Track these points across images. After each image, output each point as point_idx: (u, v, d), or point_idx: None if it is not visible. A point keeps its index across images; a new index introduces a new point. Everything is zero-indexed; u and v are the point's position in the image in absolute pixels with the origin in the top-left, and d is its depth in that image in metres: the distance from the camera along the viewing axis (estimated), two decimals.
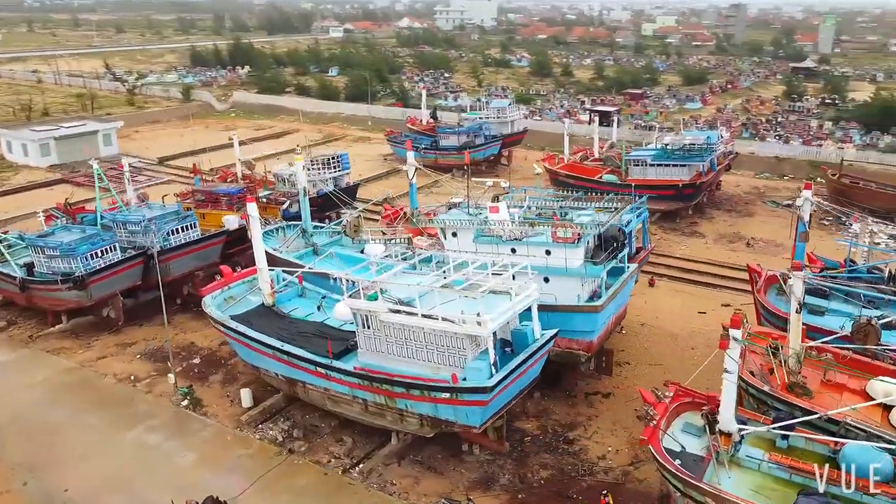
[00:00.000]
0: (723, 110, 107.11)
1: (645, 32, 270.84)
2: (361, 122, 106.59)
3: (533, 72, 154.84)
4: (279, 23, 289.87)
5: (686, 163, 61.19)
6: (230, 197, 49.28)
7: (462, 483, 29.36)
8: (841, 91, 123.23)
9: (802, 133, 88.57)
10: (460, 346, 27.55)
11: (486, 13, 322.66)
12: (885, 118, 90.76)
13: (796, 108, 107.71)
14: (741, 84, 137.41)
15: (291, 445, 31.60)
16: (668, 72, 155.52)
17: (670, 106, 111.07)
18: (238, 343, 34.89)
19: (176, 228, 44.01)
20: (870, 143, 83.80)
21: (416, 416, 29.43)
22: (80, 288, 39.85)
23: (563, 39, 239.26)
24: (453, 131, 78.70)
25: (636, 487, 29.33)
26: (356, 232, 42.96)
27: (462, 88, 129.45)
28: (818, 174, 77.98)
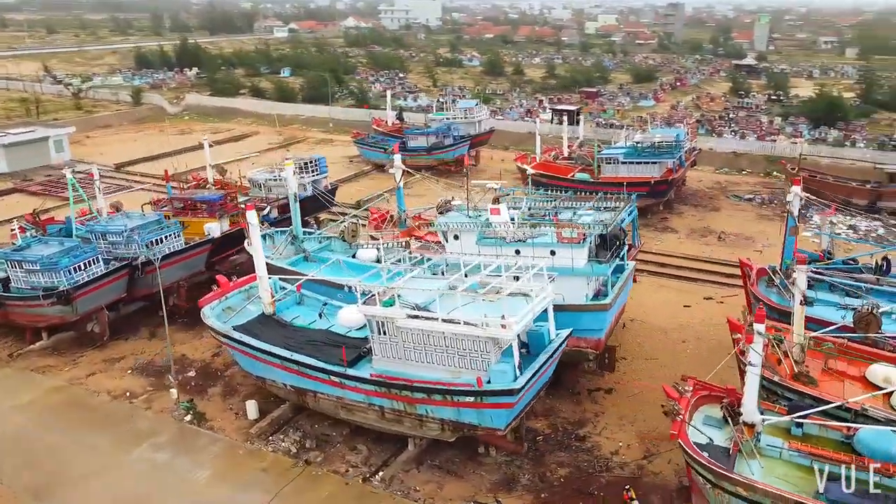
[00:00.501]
0: (677, 107, 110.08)
1: (588, 31, 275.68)
2: (321, 123, 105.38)
3: (485, 71, 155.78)
4: (221, 22, 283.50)
5: (657, 160, 62.71)
6: (211, 204, 48.01)
7: (484, 485, 29.47)
8: (783, 87, 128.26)
9: (755, 129, 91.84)
10: (483, 349, 27.60)
11: (431, 13, 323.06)
12: (830, 113, 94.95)
13: (745, 104, 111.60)
14: (689, 81, 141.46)
15: (307, 456, 31.12)
16: (616, 70, 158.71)
17: (625, 104, 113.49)
18: (241, 354, 34.13)
19: (160, 238, 42.65)
20: (819, 137, 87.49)
21: (437, 421, 29.38)
22: (64, 303, 38.25)
23: (509, 38, 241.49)
24: (421, 132, 78.64)
25: (653, 481, 29.97)
26: (353, 237, 42.49)
27: (420, 89, 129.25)
28: (774, 168, 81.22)
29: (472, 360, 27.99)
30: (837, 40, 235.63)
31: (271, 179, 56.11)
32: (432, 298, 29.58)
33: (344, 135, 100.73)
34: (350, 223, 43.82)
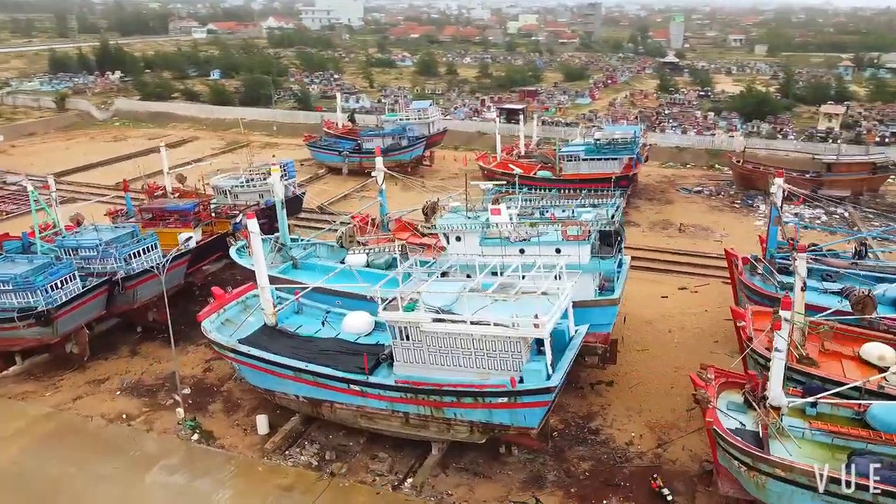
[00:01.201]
0: (614, 104, 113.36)
1: (510, 31, 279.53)
2: (264, 127, 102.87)
3: (419, 71, 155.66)
4: (132, 23, 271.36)
5: (617, 156, 64.52)
6: (185, 213, 46.14)
7: (513, 485, 29.69)
8: (708, 84, 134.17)
9: (692, 124, 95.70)
10: (515, 349, 27.76)
11: (353, 12, 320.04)
12: (759, 108, 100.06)
13: (677, 100, 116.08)
14: (619, 79, 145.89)
15: (330, 468, 30.48)
16: (547, 69, 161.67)
17: (564, 102, 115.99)
18: (248, 367, 33.07)
19: (137, 251, 40.68)
20: (752, 131, 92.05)
21: (466, 424, 29.38)
22: (44, 324, 35.96)
23: (435, 38, 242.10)
24: (377, 133, 78.00)
25: (672, 468, 30.92)
26: (351, 242, 41.76)
27: (358, 90, 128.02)
28: (716, 161, 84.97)
29: (503, 361, 28.09)
30: (745, 38, 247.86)
31: (237, 185, 54.45)
32: (450, 301, 29.58)
33: (289, 138, 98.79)
34: (347, 228, 43.03)
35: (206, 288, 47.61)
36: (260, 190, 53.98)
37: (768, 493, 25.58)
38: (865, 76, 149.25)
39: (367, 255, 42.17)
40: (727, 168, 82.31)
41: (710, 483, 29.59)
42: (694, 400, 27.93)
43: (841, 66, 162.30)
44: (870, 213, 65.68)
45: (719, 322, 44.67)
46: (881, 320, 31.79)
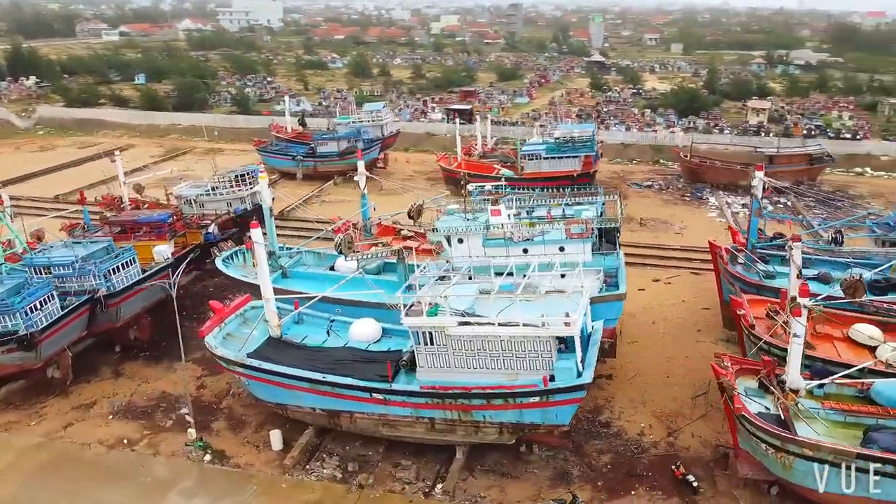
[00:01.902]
0: (554, 104, 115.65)
1: (434, 31, 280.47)
2: (202, 132, 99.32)
3: (351, 73, 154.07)
4: (33, 25, 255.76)
5: (576, 154, 65.91)
6: (159, 225, 44.08)
7: (542, 482, 29.93)
8: (637, 81, 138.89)
9: (633, 121, 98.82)
10: (544, 348, 28.00)
11: (272, 13, 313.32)
12: (692, 104, 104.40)
13: (612, 98, 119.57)
14: (552, 78, 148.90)
15: (356, 480, 29.86)
16: (478, 69, 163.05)
17: (504, 102, 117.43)
18: (258, 382, 31.99)
19: (116, 267, 38.60)
20: (690, 126, 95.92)
21: (496, 426, 29.44)
22: (26, 348, 33.63)
23: (360, 39, 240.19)
24: (332, 137, 76.72)
25: (686, 455, 31.87)
26: (350, 248, 40.88)
27: (294, 92, 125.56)
28: (660, 157, 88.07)
29: (533, 361, 28.28)
30: (660, 37, 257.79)
31: (203, 194, 52.46)
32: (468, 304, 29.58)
33: (231, 143, 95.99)
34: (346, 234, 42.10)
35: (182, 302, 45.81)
36: (228, 198, 52.19)
37: (794, 473, 26.81)
38: (777, 73, 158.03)
39: (358, 261, 41.48)
40: (672, 163, 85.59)
41: (726, 467, 30.75)
42: (720, 388, 28.88)
43: (754, 63, 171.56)
44: (810, 202, 69.86)
45: (698, 311, 46.47)
46: (871, 303, 33.82)
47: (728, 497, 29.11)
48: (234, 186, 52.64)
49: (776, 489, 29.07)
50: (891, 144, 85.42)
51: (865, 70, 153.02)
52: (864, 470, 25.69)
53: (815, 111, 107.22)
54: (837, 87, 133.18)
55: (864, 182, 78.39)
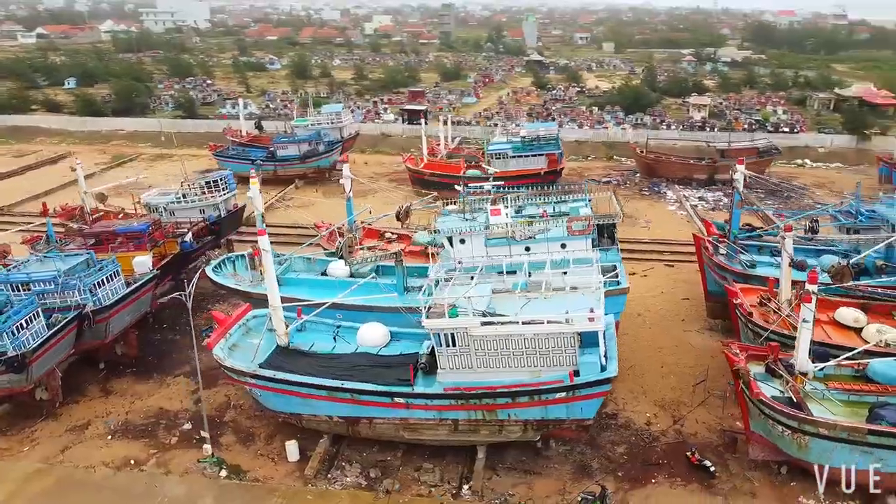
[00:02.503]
0: (503, 103, 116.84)
1: (367, 32, 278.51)
2: (150, 138, 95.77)
3: (292, 74, 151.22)
4: None
5: (542, 152, 66.93)
6: (139, 235, 42.32)
7: (564, 476, 30.40)
8: (578, 80, 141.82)
9: (583, 119, 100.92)
10: (569, 344, 28.35)
11: (199, 14, 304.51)
12: (637, 101, 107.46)
13: (557, 96, 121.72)
14: (495, 78, 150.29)
15: (382, 486, 29.58)
16: (421, 69, 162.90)
17: (454, 101, 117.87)
18: (272, 392, 31.23)
19: (101, 280, 36.89)
20: (638, 123, 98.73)
21: (521, 423, 29.65)
22: (17, 370, 31.75)
23: (294, 40, 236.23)
24: (291, 140, 75.30)
25: (695, 441, 32.95)
26: (350, 253, 40.28)
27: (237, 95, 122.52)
28: (613, 153, 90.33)
29: (557, 357, 28.55)
30: (590, 36, 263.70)
31: (174, 202, 50.70)
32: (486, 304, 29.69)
33: (180, 148, 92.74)
34: (347, 238, 41.43)
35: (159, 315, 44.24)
36: (201, 205, 50.58)
37: (810, 452, 28.13)
38: (707, 70, 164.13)
39: (351, 265, 41.04)
40: (626, 159, 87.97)
41: (735, 450, 31.94)
42: (734, 375, 29.92)
43: (685, 61, 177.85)
44: (760, 193, 73.12)
45: (678, 302, 47.99)
46: (857, 287, 35.75)
47: (741, 479, 30.26)
48: (205, 193, 51.00)
49: (785, 468, 30.47)
50: (826, 137, 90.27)
51: (786, 66, 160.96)
52: (875, 445, 27.25)
53: (751, 106, 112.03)
54: (766, 84, 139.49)
55: (807, 173, 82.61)
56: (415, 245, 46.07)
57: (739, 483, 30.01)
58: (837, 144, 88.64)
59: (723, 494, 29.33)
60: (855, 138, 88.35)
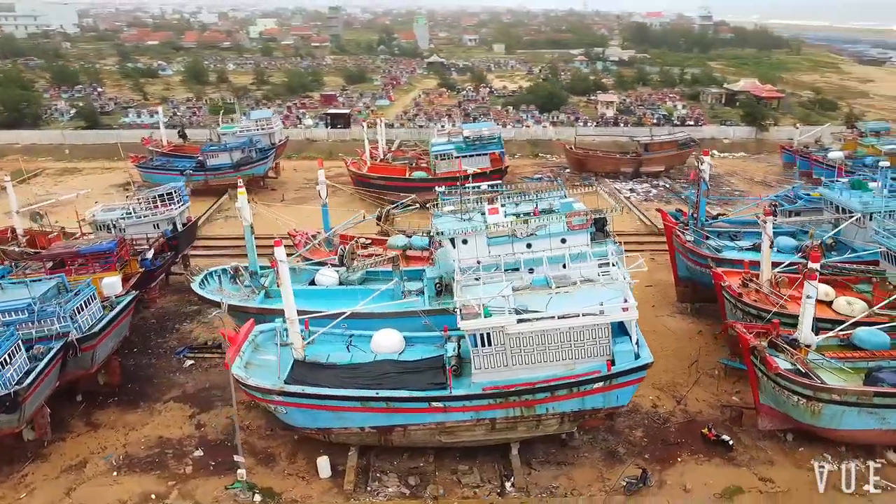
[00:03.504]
0: (419, 104, 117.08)
1: (252, 36, 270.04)
2: (48, 151, 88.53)
3: (188, 80, 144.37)
4: None
5: (486, 151, 67.88)
6: (107, 254, 39.22)
7: (598, 465, 31.22)
8: (483, 80, 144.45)
9: (503, 118, 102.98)
10: (603, 335, 29.16)
11: (66, 18, 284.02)
12: (551, 100, 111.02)
13: (471, 97, 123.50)
14: (402, 80, 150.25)
15: (426, 493, 29.19)
16: (323, 72, 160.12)
17: (368, 104, 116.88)
18: (299, 408, 30.05)
19: (80, 305, 34.03)
20: (555, 121, 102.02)
21: (558, 416, 30.14)
22: (9, 410, 28.69)
23: (177, 45, 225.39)
24: (222, 148, 72.07)
25: (702, 418, 34.80)
26: (353, 260, 39.04)
27: (136, 103, 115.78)
28: (538, 151, 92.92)
29: (592, 348, 29.28)
30: (478, 38, 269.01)
31: (124, 217, 47.40)
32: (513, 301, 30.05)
33: (87, 161, 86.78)
34: (350, 246, 40.04)
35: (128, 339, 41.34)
36: (155, 219, 47.58)
37: (822, 418, 30.45)
38: (599, 69, 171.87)
39: (339, 273, 40.07)
40: (550, 155, 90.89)
41: (741, 423, 34.02)
42: (751, 351, 31.75)
43: (577, 60, 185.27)
44: (682, 184, 77.72)
45: (643, 289, 49.51)
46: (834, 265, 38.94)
47: (755, 449, 32.26)
48: (158, 207, 48.03)
49: (790, 436, 32.82)
50: (729, 129, 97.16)
51: (670, 64, 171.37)
52: (879, 405, 29.92)
53: (651, 102, 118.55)
54: (657, 81, 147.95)
55: (717, 163, 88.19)
56: (391, 249, 45.58)
57: (755, 453, 31.97)
58: (739, 136, 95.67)
59: (745, 465, 31.16)
60: (754, 129, 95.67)
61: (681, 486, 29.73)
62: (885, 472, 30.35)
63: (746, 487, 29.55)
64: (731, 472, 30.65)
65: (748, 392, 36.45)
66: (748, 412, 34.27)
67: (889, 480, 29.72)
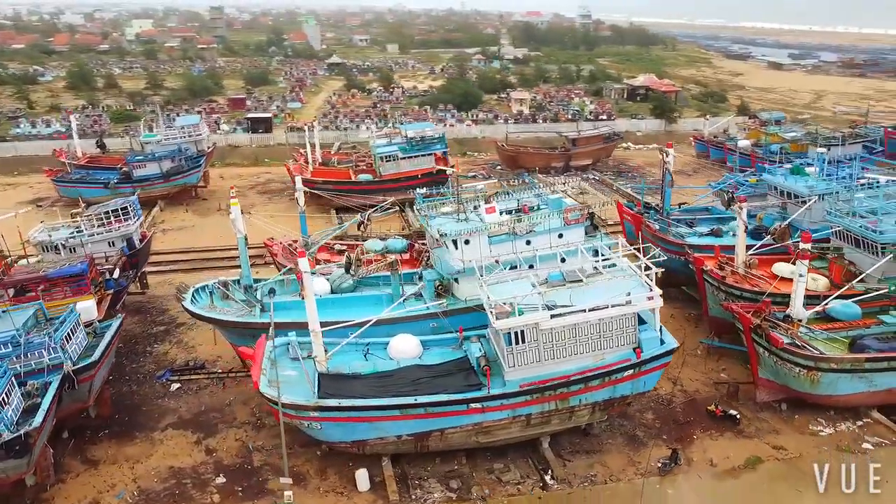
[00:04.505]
0: (334, 106, 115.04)
1: (129, 38, 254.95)
2: None
3: (73, 85, 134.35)
4: None
5: (430, 151, 67.96)
6: (78, 277, 36.08)
7: (624, 450, 32.35)
8: (391, 80, 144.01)
9: (425, 118, 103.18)
10: (630, 324, 30.21)
11: None
12: (467, 99, 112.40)
13: (385, 97, 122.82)
14: (308, 82, 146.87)
15: (474, 495, 29.17)
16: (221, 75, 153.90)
17: (282, 107, 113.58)
18: (335, 422, 29.16)
19: (67, 334, 31.32)
20: (475, 119, 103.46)
21: (589, 406, 30.93)
22: (19, 454, 25.99)
23: (48, 48, 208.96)
24: (150, 157, 67.86)
25: (700, 397, 36.82)
26: (359, 268, 37.80)
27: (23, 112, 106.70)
28: (465, 149, 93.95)
29: (620, 338, 30.22)
30: (369, 38, 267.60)
31: (73, 237, 43.87)
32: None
33: None
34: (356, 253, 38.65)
35: None
36: (110, 237, 44.34)
37: (820, 385, 33.06)
38: (498, 67, 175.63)
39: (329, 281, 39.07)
40: (477, 153, 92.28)
41: (737, 398, 36.24)
42: (754, 330, 33.86)
43: (474, 59, 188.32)
44: (610, 175, 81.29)
45: None
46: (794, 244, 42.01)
47: (757, 421, 34.52)
48: (112, 223, 44.78)
49: (785, 406, 35.39)
50: (641, 122, 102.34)
51: (564, 62, 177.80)
52: (869, 370, 32.88)
53: (560, 99, 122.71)
54: (556, 78, 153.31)
55: (635, 155, 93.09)
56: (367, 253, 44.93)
57: (759, 424, 34.22)
58: (650, 128, 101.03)
59: (755, 436, 33.28)
60: (663, 122, 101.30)
61: (706, 461, 31.38)
62: (873, 428, 33.58)
63: (764, 457, 31.57)
64: (746, 444, 32.64)
65: (734, 368, 39.15)
66: (744, 387, 36.60)
67: (879, 436, 32.82)
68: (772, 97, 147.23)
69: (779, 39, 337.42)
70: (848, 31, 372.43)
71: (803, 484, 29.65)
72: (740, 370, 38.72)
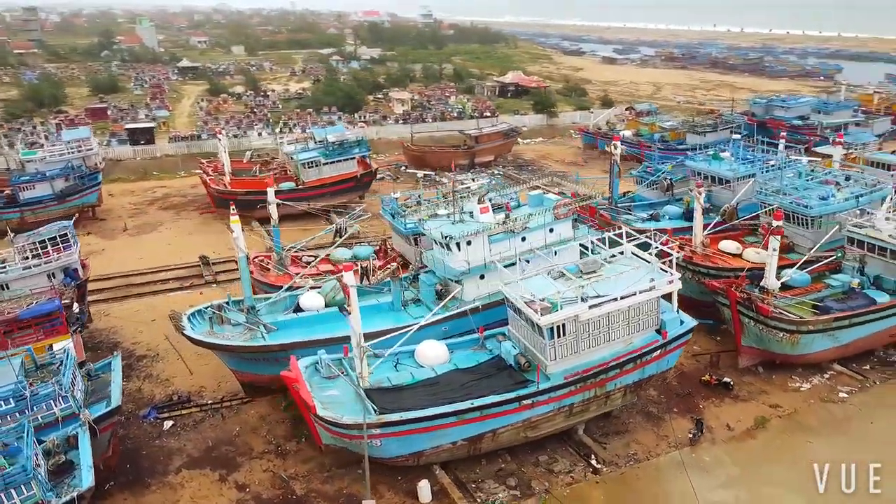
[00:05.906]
0: (207, 112, 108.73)
1: None
2: None
3: None
4: None
5: (353, 155, 66.72)
6: (56, 315, 31.84)
7: (648, 426, 34.29)
8: (257, 84, 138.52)
9: (312, 122, 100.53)
10: (654, 308, 32.10)
11: None
12: (351, 101, 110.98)
13: (261, 102, 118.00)
14: (165, 87, 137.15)
15: (536, 489, 29.67)
16: (63, 83, 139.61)
17: (149, 115, 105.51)
18: (395, 437, 28.43)
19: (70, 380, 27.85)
20: (363, 120, 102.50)
21: (622, 389, 32.49)
22: None
23: None
24: (38, 178, 60.58)
25: (687, 370, 39.62)
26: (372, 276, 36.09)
27: None
28: (381, 150, 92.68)
29: (645, 321, 32.02)
30: (208, 40, 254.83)
31: (6, 272, 38.65)
32: None
33: None
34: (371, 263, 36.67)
35: None
36: (49, 268, 39.48)
37: (798, 346, 37.05)
38: (357, 67, 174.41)
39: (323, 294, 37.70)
40: (379, 154, 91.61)
41: (717, 367, 39.52)
42: (742, 302, 37.06)
43: (332, 59, 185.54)
44: (511, 170, 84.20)
45: None
46: (739, 223, 46.34)
47: (744, 384, 37.91)
48: (47, 254, 39.95)
49: (761, 368, 39.21)
50: (524, 118, 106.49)
51: (419, 61, 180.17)
52: (836, 328, 37.29)
53: (438, 98, 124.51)
54: (421, 77, 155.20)
55: (528, 149, 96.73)
56: (336, 262, 43.72)
57: (748, 387, 37.66)
58: (533, 123, 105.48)
59: (749, 398, 36.58)
60: (545, 117, 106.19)
61: (723, 426, 34.09)
62: (839, 378, 38.12)
63: (767, 416, 34.83)
64: (747, 407, 35.81)
65: (704, 340, 42.40)
66: (724, 355, 40.01)
67: (847, 385, 37.39)
68: (618, 89, 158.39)
69: (602, 36, 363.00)
70: (658, 28, 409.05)
71: (811, 436, 33.18)
72: (707, 341, 42.20)
